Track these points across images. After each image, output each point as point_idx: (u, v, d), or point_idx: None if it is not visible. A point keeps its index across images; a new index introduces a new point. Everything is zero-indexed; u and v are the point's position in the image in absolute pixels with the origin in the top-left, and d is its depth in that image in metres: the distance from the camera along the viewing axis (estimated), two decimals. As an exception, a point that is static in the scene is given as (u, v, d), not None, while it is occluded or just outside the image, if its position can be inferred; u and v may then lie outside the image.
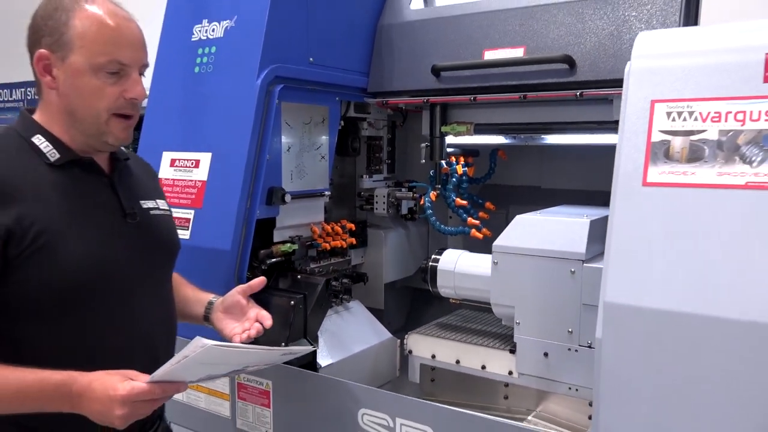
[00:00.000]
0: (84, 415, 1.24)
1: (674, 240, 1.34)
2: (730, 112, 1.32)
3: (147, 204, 1.50)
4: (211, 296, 1.66)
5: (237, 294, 1.59)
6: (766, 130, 1.27)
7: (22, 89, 6.03)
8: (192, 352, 1.21)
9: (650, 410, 1.35)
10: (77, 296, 1.32)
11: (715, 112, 1.34)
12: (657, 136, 1.39)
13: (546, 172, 2.60)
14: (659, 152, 1.38)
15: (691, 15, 1.92)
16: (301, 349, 1.57)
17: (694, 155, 1.35)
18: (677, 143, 1.37)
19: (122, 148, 1.52)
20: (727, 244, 1.29)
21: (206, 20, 2.12)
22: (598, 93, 1.94)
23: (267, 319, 1.58)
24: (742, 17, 2.60)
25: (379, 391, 1.77)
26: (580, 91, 1.97)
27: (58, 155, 1.35)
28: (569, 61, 1.96)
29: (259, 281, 1.60)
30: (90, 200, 1.38)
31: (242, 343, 1.51)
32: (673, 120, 1.38)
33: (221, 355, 1.29)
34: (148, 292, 1.45)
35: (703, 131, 1.35)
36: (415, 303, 2.86)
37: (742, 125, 1.30)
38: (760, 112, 1.28)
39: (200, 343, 1.20)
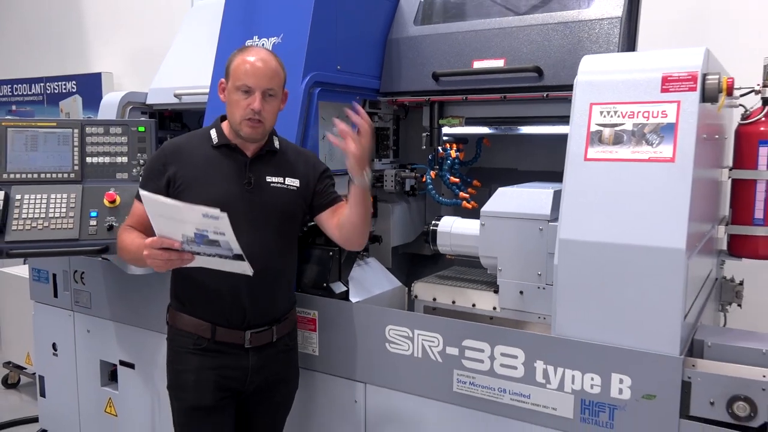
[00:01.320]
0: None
1: (605, 196, 1.78)
2: (640, 112, 1.77)
3: (272, 179, 2.04)
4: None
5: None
6: (662, 123, 1.74)
7: (41, 83, 6.00)
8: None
9: (591, 311, 1.79)
10: None
11: (630, 112, 1.79)
12: (594, 128, 1.83)
13: (521, 156, 2.89)
14: (595, 138, 1.82)
15: (631, 37, 2.30)
16: (214, 211, 1.59)
17: (617, 140, 1.79)
18: (606, 132, 1.81)
19: (277, 144, 2.04)
20: (637, 196, 1.74)
21: (256, 36, 2.49)
22: (560, 95, 2.29)
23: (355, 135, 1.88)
24: (672, 41, 2.99)
25: (401, 311, 2.10)
26: (546, 93, 2.34)
27: (217, 140, 1.99)
28: (538, 71, 2.32)
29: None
30: (226, 170, 1.97)
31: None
32: (604, 117, 1.82)
33: (162, 206, 1.64)
34: (245, 238, 1.82)
35: (623, 124, 1.79)
36: (413, 265, 3.19)
37: (647, 120, 1.76)
38: (657, 112, 1.75)
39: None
